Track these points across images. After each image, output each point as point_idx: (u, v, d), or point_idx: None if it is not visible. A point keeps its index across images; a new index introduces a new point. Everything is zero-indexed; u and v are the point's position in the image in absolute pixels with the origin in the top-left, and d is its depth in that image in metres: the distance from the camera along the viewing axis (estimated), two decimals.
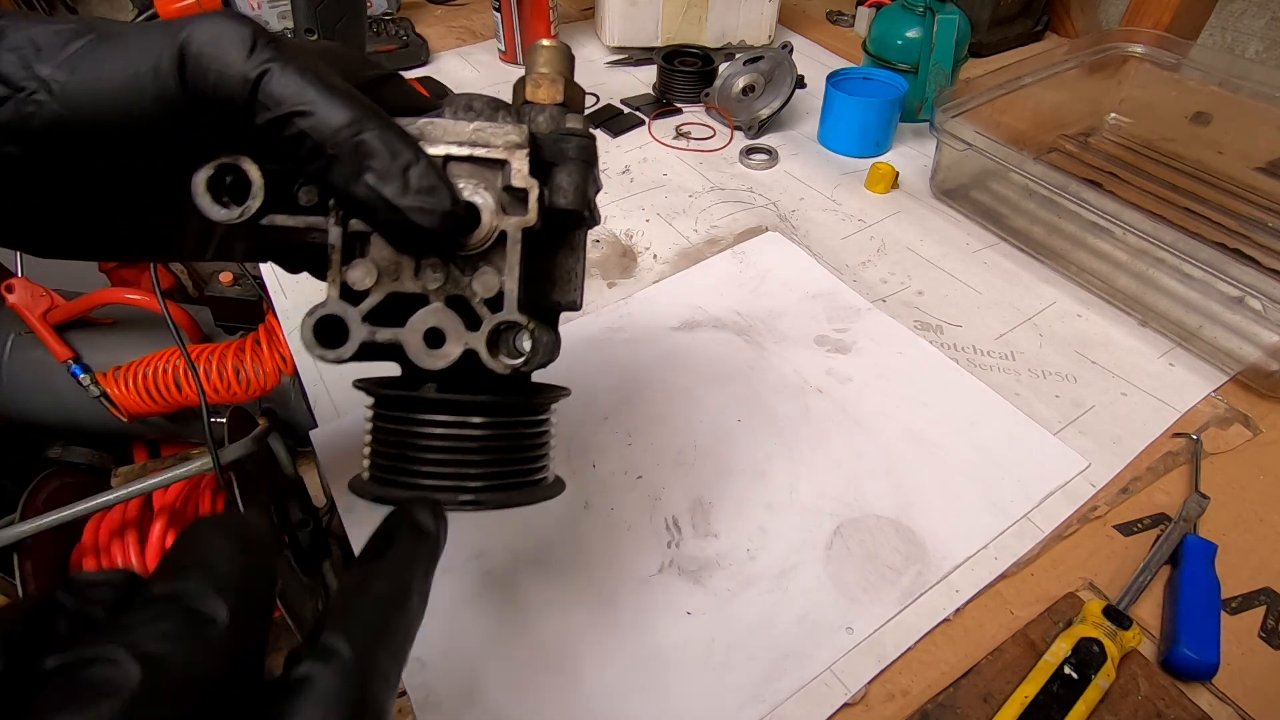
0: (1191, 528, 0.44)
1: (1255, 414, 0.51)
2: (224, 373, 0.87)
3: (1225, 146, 0.72)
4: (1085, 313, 0.59)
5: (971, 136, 0.62)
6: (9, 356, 0.92)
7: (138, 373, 0.87)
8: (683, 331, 0.57)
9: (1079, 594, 0.41)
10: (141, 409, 0.89)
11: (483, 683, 0.37)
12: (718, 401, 0.51)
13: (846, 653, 0.39)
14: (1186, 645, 0.37)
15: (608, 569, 0.42)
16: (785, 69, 0.78)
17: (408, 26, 0.94)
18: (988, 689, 0.37)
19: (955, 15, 0.73)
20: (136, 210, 0.27)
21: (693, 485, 0.46)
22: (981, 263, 0.64)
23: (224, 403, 0.88)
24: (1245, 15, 0.86)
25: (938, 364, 0.54)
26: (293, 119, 0.21)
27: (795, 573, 0.42)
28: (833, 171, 0.75)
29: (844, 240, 0.66)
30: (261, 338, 0.89)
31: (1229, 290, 0.51)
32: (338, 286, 0.25)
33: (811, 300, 0.60)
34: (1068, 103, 0.77)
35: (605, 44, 0.95)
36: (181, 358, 0.87)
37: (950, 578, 0.42)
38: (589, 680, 0.38)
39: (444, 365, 0.24)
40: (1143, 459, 0.48)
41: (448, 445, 0.26)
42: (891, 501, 0.45)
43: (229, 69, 0.21)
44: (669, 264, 0.64)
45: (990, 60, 0.97)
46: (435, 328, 0.24)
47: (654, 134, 0.80)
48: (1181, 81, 0.74)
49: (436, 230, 0.23)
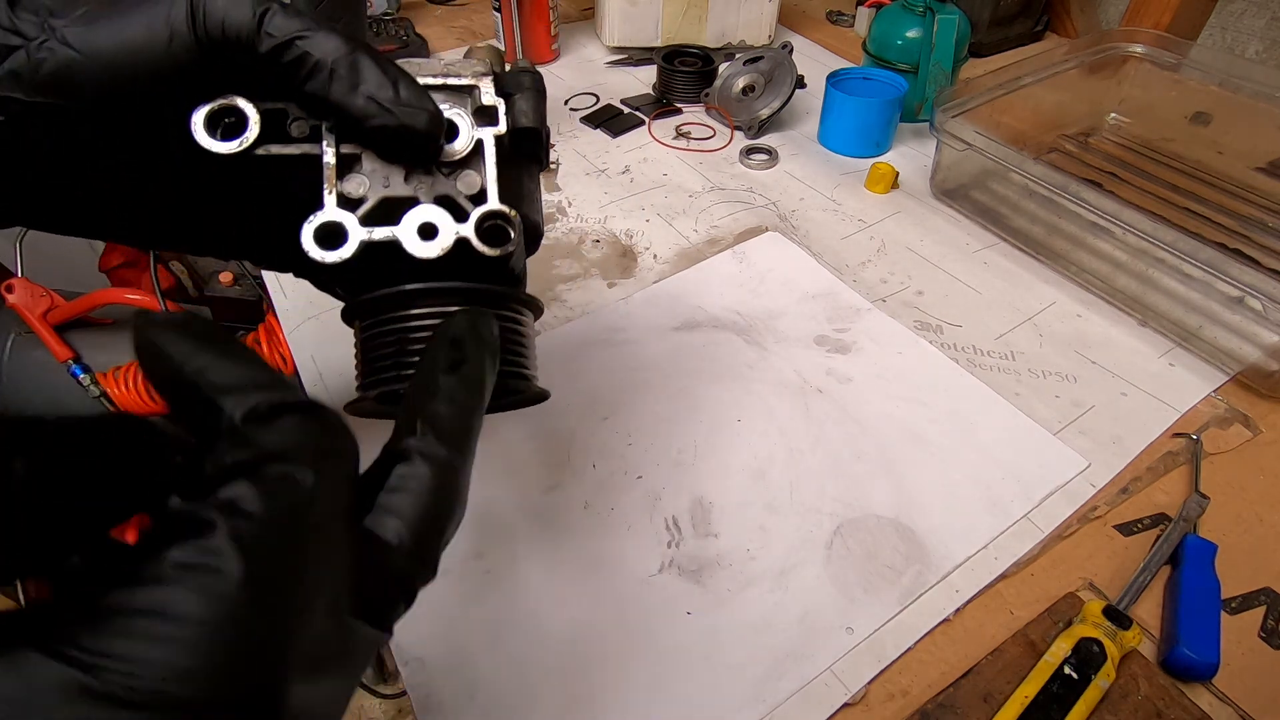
0: (1191, 528, 0.44)
1: (1255, 414, 0.51)
2: None
3: (1225, 146, 0.72)
4: (1085, 313, 0.59)
5: (971, 136, 0.62)
6: (9, 356, 0.92)
7: (138, 373, 0.87)
8: (683, 331, 0.57)
9: (1079, 594, 0.41)
10: (141, 409, 0.89)
11: (483, 683, 0.37)
12: (718, 401, 0.51)
13: (846, 652, 0.39)
14: (1186, 645, 0.37)
15: (608, 569, 0.42)
16: (785, 69, 0.78)
17: (408, 26, 0.94)
18: (988, 689, 0.37)
19: (955, 15, 0.73)
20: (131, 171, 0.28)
21: (693, 485, 0.46)
22: (981, 263, 0.64)
23: None
24: (1245, 15, 0.86)
25: (938, 364, 0.54)
26: (294, 42, 0.24)
27: (795, 572, 0.42)
28: (833, 171, 0.75)
29: (844, 240, 0.66)
30: (261, 338, 0.89)
31: (1229, 290, 0.51)
32: (334, 197, 0.26)
33: (811, 300, 0.60)
34: (1068, 103, 0.77)
35: (605, 44, 0.95)
36: None
37: (950, 578, 0.42)
38: (590, 680, 0.38)
39: (439, 253, 0.26)
40: (1143, 459, 0.48)
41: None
42: (891, 501, 0.45)
43: (236, 10, 0.23)
44: (669, 264, 0.64)
45: (990, 60, 0.97)
46: (428, 221, 0.26)
47: (654, 134, 0.80)
48: (1181, 81, 0.74)
49: (426, 133, 0.26)
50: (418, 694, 0.37)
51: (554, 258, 0.64)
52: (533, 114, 0.29)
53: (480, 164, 0.28)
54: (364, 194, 0.26)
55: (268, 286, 0.62)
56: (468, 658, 0.38)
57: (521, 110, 0.29)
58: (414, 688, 0.37)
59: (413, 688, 0.37)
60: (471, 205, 0.27)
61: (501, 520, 0.44)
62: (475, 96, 0.28)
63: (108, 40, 0.23)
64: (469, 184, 0.27)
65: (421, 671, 0.38)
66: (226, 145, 0.25)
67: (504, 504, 0.45)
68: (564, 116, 0.83)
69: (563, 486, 0.46)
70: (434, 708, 0.37)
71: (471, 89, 0.28)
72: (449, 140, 0.27)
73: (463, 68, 0.28)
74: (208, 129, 0.25)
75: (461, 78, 0.28)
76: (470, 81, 0.28)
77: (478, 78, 0.28)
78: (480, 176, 0.27)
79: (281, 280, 0.62)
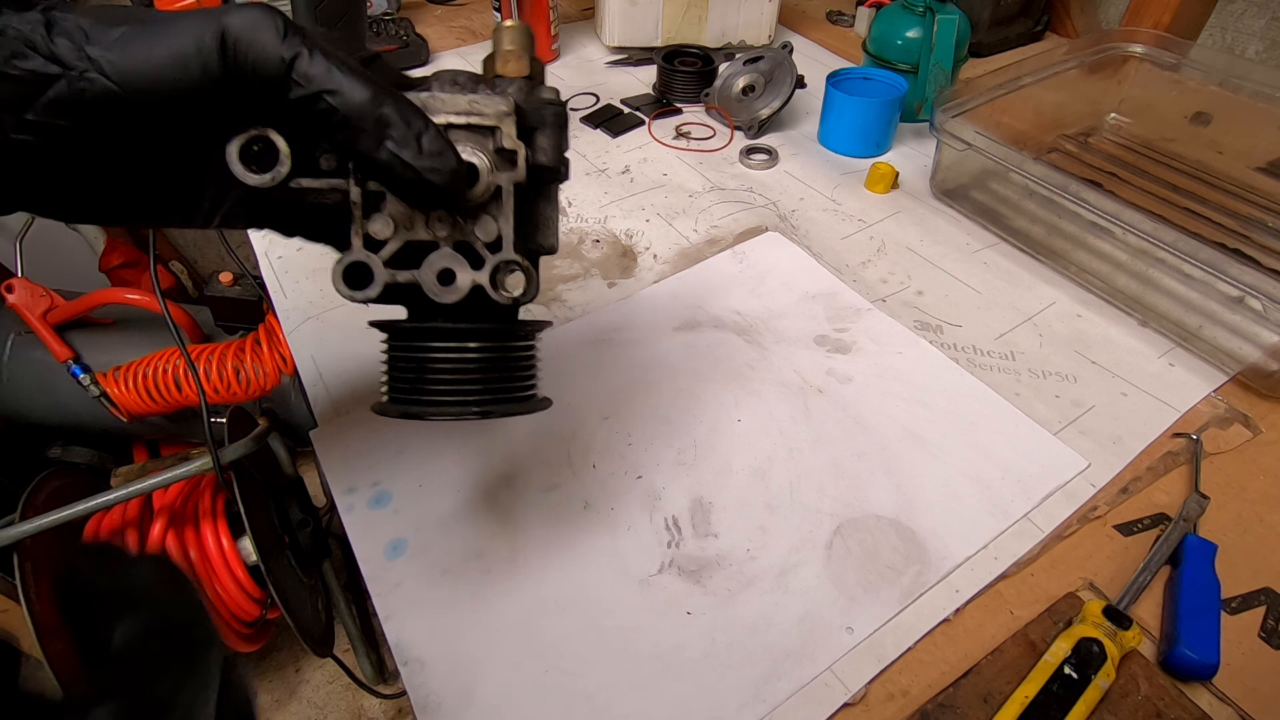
0: (1191, 528, 0.44)
1: (1255, 414, 0.51)
2: (224, 373, 0.87)
3: (1225, 146, 0.72)
4: (1085, 313, 0.59)
5: (971, 136, 0.62)
6: (9, 356, 0.92)
7: (138, 373, 0.87)
8: (683, 331, 0.57)
9: (1079, 594, 0.41)
10: (141, 409, 0.89)
11: (483, 683, 0.37)
12: (718, 402, 0.51)
13: (846, 653, 0.39)
14: (1186, 645, 0.37)
15: (608, 569, 0.42)
16: (785, 69, 0.78)
17: (408, 26, 0.94)
18: (988, 689, 0.37)
19: (955, 15, 0.73)
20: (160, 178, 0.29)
21: (693, 485, 0.46)
22: (981, 263, 0.64)
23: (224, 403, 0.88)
24: (1245, 15, 0.86)
25: (938, 364, 0.54)
26: (323, 96, 0.25)
27: (795, 573, 0.42)
28: (833, 171, 0.75)
29: (844, 240, 0.66)
30: (261, 338, 0.89)
31: (1229, 290, 0.51)
32: (360, 238, 0.28)
33: (811, 300, 0.60)
34: (1068, 103, 0.77)
35: (605, 44, 0.95)
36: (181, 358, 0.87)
37: (950, 578, 0.42)
38: (589, 680, 0.38)
39: (456, 299, 0.29)
40: (1143, 459, 0.48)
41: (456, 366, 0.31)
42: (891, 501, 0.45)
43: (266, 51, 0.24)
44: (669, 264, 0.64)
45: (990, 60, 0.97)
46: (447, 268, 0.28)
47: (654, 134, 0.80)
48: (1181, 81, 0.74)
49: (445, 186, 0.27)
50: (418, 694, 0.37)
51: (554, 258, 0.64)
52: (552, 152, 0.30)
53: (498, 209, 0.29)
54: (388, 236, 0.28)
55: (268, 286, 0.62)
56: (468, 658, 0.38)
57: (542, 148, 0.30)
58: (414, 688, 0.37)
59: (413, 688, 0.37)
60: (488, 253, 0.29)
61: (501, 520, 0.44)
62: (496, 137, 0.29)
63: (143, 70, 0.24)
64: (486, 230, 0.29)
65: (421, 671, 0.38)
66: (260, 178, 0.27)
67: (504, 504, 0.45)
68: None
69: (563, 486, 0.46)
70: (434, 708, 0.37)
71: (494, 130, 0.29)
72: (468, 186, 0.28)
73: (486, 105, 0.28)
74: (241, 159, 0.27)
75: (485, 116, 0.28)
76: (493, 123, 0.29)
77: (500, 118, 0.28)
78: (497, 224, 0.29)
79: (281, 280, 0.62)
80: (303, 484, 0.94)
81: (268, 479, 0.84)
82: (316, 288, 0.61)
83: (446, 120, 0.28)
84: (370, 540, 0.43)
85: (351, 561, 0.43)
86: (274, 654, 1.18)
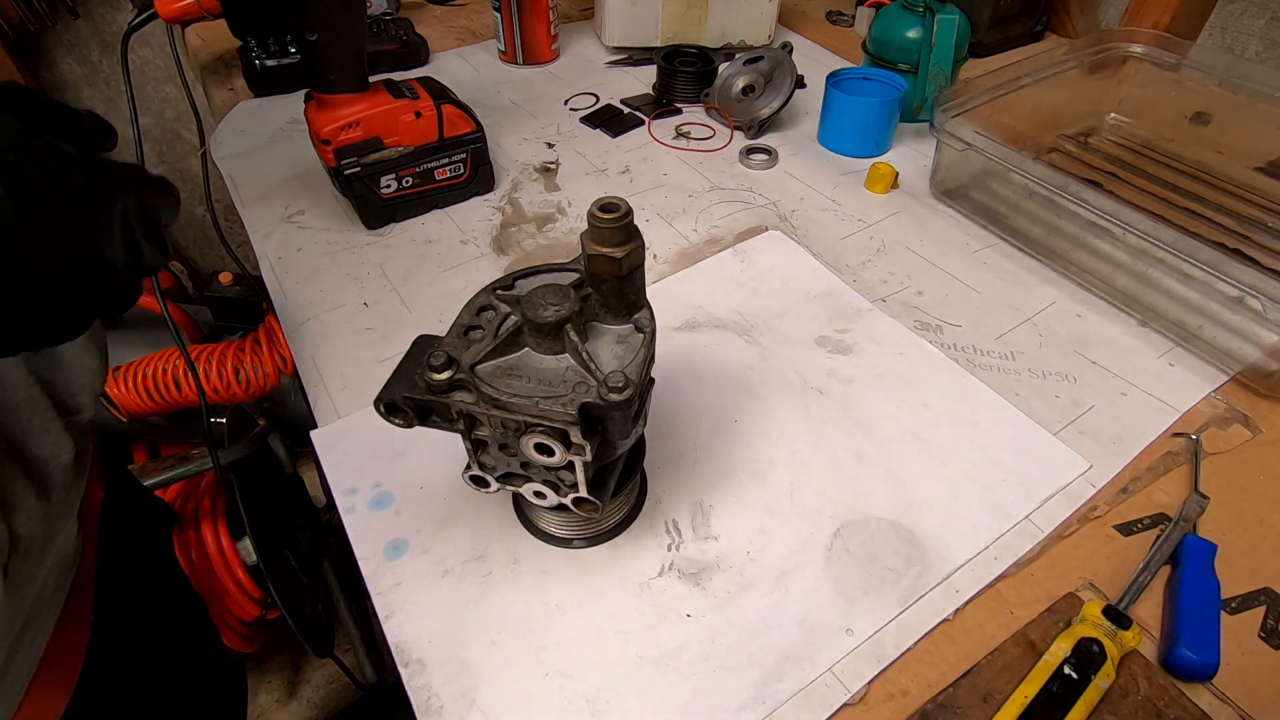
0: (1191, 528, 0.44)
1: (1255, 414, 0.51)
2: (224, 373, 0.87)
3: (1225, 146, 0.72)
4: (1085, 313, 0.59)
5: (971, 136, 0.62)
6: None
7: (138, 373, 0.87)
8: (683, 331, 0.57)
9: (1079, 594, 0.41)
10: (141, 409, 0.89)
11: (483, 684, 0.37)
12: (718, 402, 0.51)
13: (847, 654, 0.39)
14: (1186, 645, 0.37)
15: (608, 571, 0.42)
16: (785, 69, 0.78)
17: (408, 26, 0.94)
18: (988, 689, 0.37)
19: (955, 15, 0.73)
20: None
21: (693, 487, 0.46)
22: (981, 263, 0.64)
23: (224, 403, 0.88)
24: (1245, 15, 0.86)
25: (938, 364, 0.54)
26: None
27: (795, 575, 0.42)
28: (833, 171, 0.75)
29: (844, 240, 0.66)
30: (261, 338, 0.89)
31: (1229, 290, 0.51)
32: (476, 464, 0.37)
33: (812, 300, 0.60)
34: (1068, 103, 0.77)
35: (605, 44, 0.95)
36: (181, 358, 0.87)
37: (950, 578, 0.42)
38: (590, 683, 0.38)
39: (547, 508, 0.39)
40: (1143, 459, 0.48)
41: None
42: (892, 503, 0.45)
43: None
44: (669, 264, 0.64)
45: (990, 60, 0.97)
46: (539, 490, 0.37)
47: (654, 134, 0.80)
48: (1181, 81, 0.74)
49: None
50: (418, 696, 0.37)
51: (554, 258, 0.64)
52: (619, 440, 0.35)
53: (573, 468, 0.35)
54: (494, 465, 0.37)
55: (268, 287, 0.62)
56: (468, 658, 0.38)
57: (612, 442, 0.35)
58: (414, 690, 0.37)
59: (413, 690, 0.37)
60: (567, 490, 0.36)
61: (502, 522, 0.44)
62: (567, 435, 0.33)
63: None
64: (567, 481, 0.36)
65: (421, 673, 0.38)
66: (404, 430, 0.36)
67: (504, 505, 0.45)
68: (564, 116, 0.83)
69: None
70: (434, 709, 0.37)
71: (564, 434, 0.33)
72: (547, 456, 0.34)
73: (555, 413, 0.32)
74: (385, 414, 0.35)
75: (555, 422, 0.32)
76: (561, 427, 0.32)
77: (568, 425, 0.32)
78: (573, 475, 0.36)
79: (281, 280, 0.62)
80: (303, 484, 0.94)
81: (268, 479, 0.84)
82: (316, 288, 0.61)
83: (524, 419, 0.33)
84: (371, 541, 0.43)
85: (352, 562, 0.43)
86: (274, 654, 1.18)
